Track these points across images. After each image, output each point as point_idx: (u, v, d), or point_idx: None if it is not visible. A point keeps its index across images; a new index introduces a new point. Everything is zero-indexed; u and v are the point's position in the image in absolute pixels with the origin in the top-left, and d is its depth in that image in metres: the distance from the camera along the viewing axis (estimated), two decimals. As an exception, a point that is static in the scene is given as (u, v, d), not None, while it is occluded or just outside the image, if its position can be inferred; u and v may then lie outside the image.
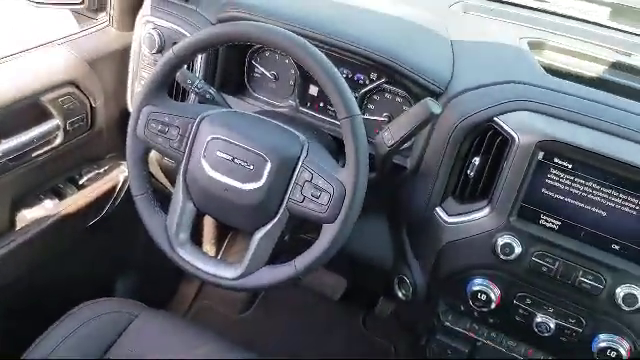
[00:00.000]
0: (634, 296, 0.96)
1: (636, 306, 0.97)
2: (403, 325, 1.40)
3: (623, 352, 1.00)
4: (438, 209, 1.12)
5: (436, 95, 1.10)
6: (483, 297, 1.08)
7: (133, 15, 1.36)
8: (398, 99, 1.20)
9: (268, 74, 1.29)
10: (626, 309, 0.97)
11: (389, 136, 1.02)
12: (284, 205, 1.00)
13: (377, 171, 1.12)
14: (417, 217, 1.16)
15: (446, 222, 1.10)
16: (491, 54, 1.19)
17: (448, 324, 1.18)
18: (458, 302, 1.14)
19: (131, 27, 1.37)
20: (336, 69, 0.96)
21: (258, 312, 1.94)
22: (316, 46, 0.98)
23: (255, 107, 1.28)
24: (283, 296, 1.95)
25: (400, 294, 1.25)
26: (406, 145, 1.15)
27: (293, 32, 0.99)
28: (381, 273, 1.28)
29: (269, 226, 1.02)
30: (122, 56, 1.39)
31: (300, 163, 1.00)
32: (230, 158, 1.01)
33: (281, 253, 1.60)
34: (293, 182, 1.00)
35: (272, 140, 1.02)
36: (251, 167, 1.00)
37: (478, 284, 1.08)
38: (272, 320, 1.92)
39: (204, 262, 1.06)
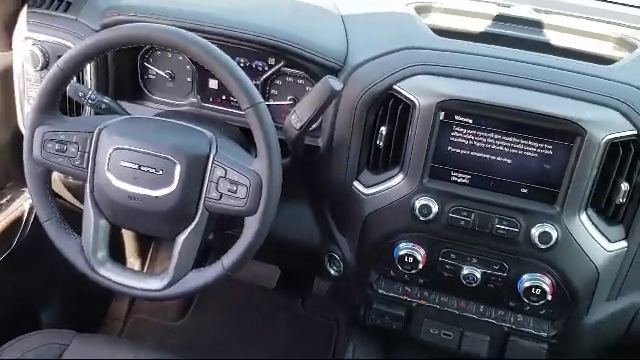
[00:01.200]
0: (548, 234, 1.02)
1: (551, 243, 1.02)
2: (340, 300, 1.42)
3: (546, 288, 1.06)
4: (355, 183, 1.13)
5: (335, 71, 1.11)
6: (410, 260, 1.11)
7: (9, 33, 1.28)
8: (300, 81, 1.20)
9: (163, 74, 1.26)
10: (543, 247, 1.03)
11: (296, 119, 1.02)
12: (201, 205, 0.98)
13: (291, 155, 1.12)
14: (337, 194, 1.17)
15: (365, 194, 1.12)
16: (381, 24, 1.21)
17: (382, 291, 1.21)
18: (388, 269, 1.17)
19: (9, 46, 1.29)
20: (231, 60, 0.95)
21: (196, 316, 1.91)
22: (207, 39, 0.97)
23: (155, 110, 1.24)
24: (219, 295, 1.93)
25: (332, 271, 1.27)
26: (315, 125, 1.16)
27: (181, 28, 0.97)
28: (311, 254, 1.29)
29: (189, 229, 1.00)
30: (5, 77, 1.31)
31: (211, 160, 0.98)
32: (136, 166, 0.98)
33: (209, 253, 1.58)
34: (207, 180, 0.98)
35: (177, 141, 1.00)
36: (160, 172, 0.97)
37: (403, 248, 1.11)
38: (211, 321, 1.90)
39: (128, 277, 1.03)
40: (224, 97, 1.25)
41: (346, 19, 1.22)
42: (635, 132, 0.97)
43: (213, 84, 1.24)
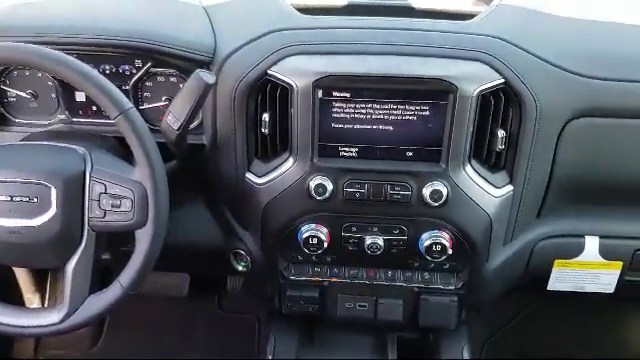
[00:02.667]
0: (438, 191, 1.05)
1: (443, 199, 1.05)
2: (255, 294, 1.41)
3: (446, 243, 1.10)
4: (248, 174, 1.11)
5: (206, 64, 1.08)
6: (315, 241, 1.11)
7: None
8: (172, 79, 1.16)
9: (24, 95, 1.17)
10: (436, 205, 1.06)
11: (173, 119, 0.99)
12: (86, 227, 0.93)
13: (176, 158, 1.09)
14: (231, 189, 1.15)
15: (259, 184, 1.11)
16: (246, 9, 1.19)
17: (293, 277, 1.21)
18: (295, 254, 1.17)
19: None
20: (90, 69, 0.90)
21: (110, 339, 1.83)
22: (62, 50, 0.91)
23: (21, 134, 1.16)
24: (130, 313, 1.85)
25: (240, 267, 1.25)
26: (197, 122, 1.13)
27: (32, 43, 0.90)
28: (216, 255, 1.26)
29: (78, 254, 0.94)
30: None
31: (87, 177, 0.93)
32: (8, 198, 0.91)
33: (110, 273, 1.50)
34: (87, 199, 0.93)
35: (48, 163, 0.93)
36: (35, 200, 0.91)
37: (307, 230, 1.11)
38: (127, 341, 1.82)
39: (19, 316, 0.96)
40: (94, 108, 1.18)
41: (209, 10, 1.18)
42: (502, 80, 1.01)
43: (80, 97, 1.17)
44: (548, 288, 1.25)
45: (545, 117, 1.03)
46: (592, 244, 1.19)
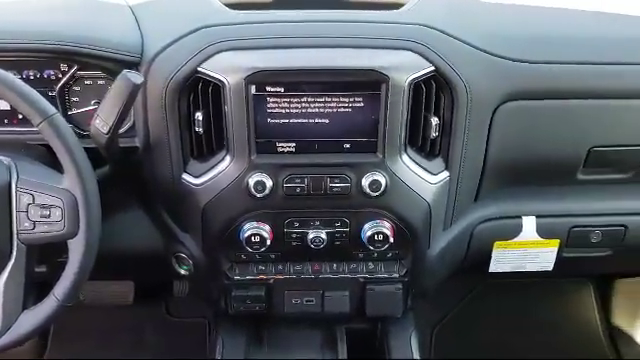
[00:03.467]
0: (377, 181, 1.06)
1: (382, 189, 1.06)
2: (202, 297, 1.38)
3: (387, 232, 1.10)
4: (184, 176, 1.09)
5: (134, 65, 1.05)
6: (257, 239, 1.10)
7: None
8: (100, 82, 1.12)
9: None
10: (375, 195, 1.07)
11: (101, 122, 0.96)
12: (15, 240, 0.89)
13: (108, 162, 1.05)
14: (168, 192, 1.12)
15: (197, 185, 1.08)
16: (173, 7, 1.16)
17: (238, 278, 1.19)
18: (238, 253, 1.16)
19: None
20: (8, 75, 0.86)
21: (55, 351, 1.77)
22: None
23: None
24: (75, 324, 1.79)
25: (182, 271, 1.22)
26: (129, 124, 1.10)
27: None
28: (158, 259, 1.23)
29: (8, 269, 0.90)
30: None
31: (13, 188, 0.89)
32: None
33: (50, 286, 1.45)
34: (15, 211, 0.89)
35: None
36: None
37: (248, 229, 1.10)
38: (74, 352, 1.76)
39: None
40: (20, 117, 1.13)
41: (136, 9, 1.15)
42: (433, 68, 1.02)
43: (4, 105, 1.12)
44: (490, 270, 1.28)
45: (476, 102, 1.05)
46: (529, 224, 1.22)
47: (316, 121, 1.04)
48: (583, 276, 1.92)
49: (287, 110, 1.03)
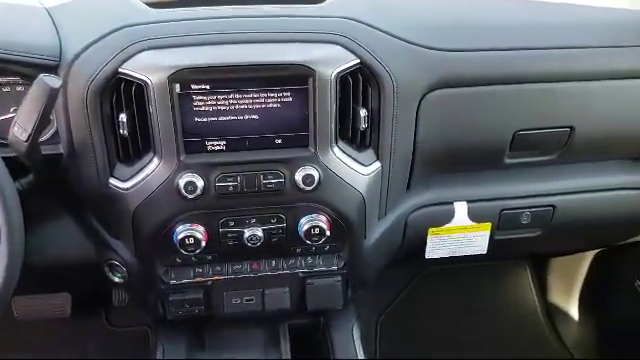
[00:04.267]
0: (310, 176, 1.06)
1: (315, 183, 1.06)
2: (139, 304, 1.35)
3: (324, 225, 1.11)
4: (112, 180, 1.06)
5: (53, 68, 1.01)
6: (191, 240, 1.08)
7: None
8: (18, 88, 1.08)
9: None
10: (310, 189, 1.07)
11: (20, 130, 0.92)
12: None
13: (32, 171, 1.01)
14: (96, 197, 1.09)
15: (125, 189, 1.06)
16: (92, 7, 1.12)
17: (174, 282, 1.17)
18: (173, 257, 1.13)
19: None
20: None
21: None
22: None
23: None
24: (11, 339, 1.72)
25: (117, 279, 1.19)
26: (51, 131, 1.06)
27: None
28: (90, 269, 1.19)
29: None
30: None
31: None
32: None
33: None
34: None
35: None
36: None
37: (181, 231, 1.08)
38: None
39: None
40: None
41: (52, 10, 1.11)
42: (358, 61, 1.03)
43: None
44: (426, 256, 1.30)
45: (402, 93, 1.07)
46: (461, 209, 1.25)
47: (245, 117, 1.03)
48: (518, 257, 1.99)
49: (214, 108, 1.01)
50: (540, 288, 1.97)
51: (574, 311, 1.89)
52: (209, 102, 1.01)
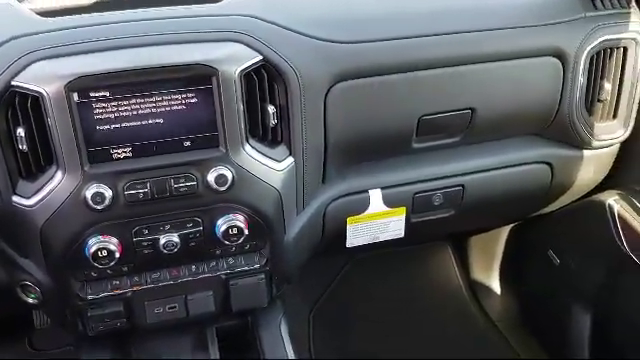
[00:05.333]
0: (223, 176, 1.05)
1: (229, 182, 1.05)
2: (61, 324, 1.30)
3: (241, 224, 1.10)
4: (15, 198, 1.01)
5: None
6: (105, 253, 1.05)
7: None
8: None
9: None
10: (224, 189, 1.06)
11: None
12: None
13: None
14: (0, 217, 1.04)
15: (30, 206, 1.01)
16: None
17: (91, 297, 1.13)
18: (87, 272, 1.10)
19: None
20: None
21: None
22: None
23: None
24: None
25: (31, 300, 1.14)
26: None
27: None
28: (3, 291, 1.14)
29: None
30: None
31: None
32: None
33: None
34: None
35: None
36: None
37: (93, 244, 1.04)
38: None
39: None
40: None
41: None
42: (261, 57, 1.03)
43: None
44: (347, 245, 1.32)
45: (308, 87, 1.08)
46: (376, 196, 1.28)
47: (151, 122, 1.01)
48: (438, 239, 2.05)
49: (117, 114, 0.99)
50: (462, 266, 2.04)
51: (496, 285, 1.97)
52: (110, 109, 0.98)
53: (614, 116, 1.33)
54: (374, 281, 2.00)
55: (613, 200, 1.37)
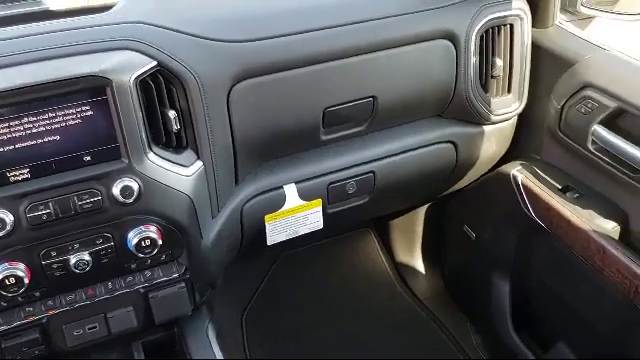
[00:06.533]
0: (129, 187, 1.02)
1: (136, 193, 1.03)
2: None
3: (154, 235, 1.08)
4: None
5: None
6: (12, 280, 1.00)
7: None
8: None
9: None
10: (132, 201, 1.03)
11: None
12: None
13: None
14: None
15: None
16: None
17: (4, 327, 1.08)
18: None
19: None
20: None
21: None
22: None
23: None
24: None
25: None
26: None
27: None
28: None
29: None
30: None
31: None
32: None
33: None
34: None
35: None
36: None
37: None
38: None
39: None
40: None
41: None
42: (155, 63, 1.01)
43: None
44: (268, 243, 1.32)
45: (209, 89, 1.07)
46: (291, 191, 1.28)
47: (47, 140, 0.97)
48: (360, 226, 2.09)
49: (10, 135, 0.94)
50: (387, 249, 2.09)
51: (420, 264, 2.03)
52: (3, 130, 0.94)
53: (508, 91, 1.40)
54: (304, 275, 2.01)
55: (516, 170, 1.44)
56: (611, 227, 1.26)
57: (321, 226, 1.36)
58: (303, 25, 1.15)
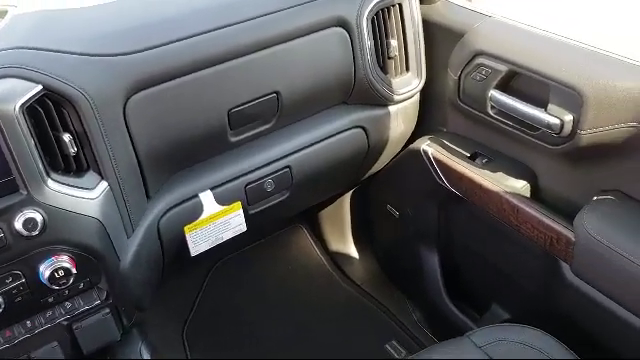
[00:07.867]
0: (32, 219, 0.97)
1: (40, 225, 0.98)
2: None
3: (67, 264, 1.03)
4: None
5: None
6: None
7: None
8: None
9: None
10: (36, 233, 0.99)
11: None
12: None
13: None
14: None
15: None
16: None
17: None
18: None
19: None
20: None
21: None
22: None
23: None
24: None
25: None
26: None
27: None
28: None
29: None
30: None
31: None
32: None
33: None
34: None
35: None
36: None
37: None
38: None
39: None
40: None
41: None
42: (41, 87, 0.97)
43: None
44: (192, 254, 1.30)
45: (101, 106, 1.03)
46: (208, 198, 1.26)
47: None
48: (289, 223, 2.09)
49: None
50: (320, 242, 2.10)
51: (353, 250, 2.05)
52: None
53: (407, 69, 1.43)
54: (241, 280, 1.99)
55: (426, 145, 1.47)
56: (521, 186, 1.31)
57: (245, 229, 1.35)
58: (191, 29, 1.13)
